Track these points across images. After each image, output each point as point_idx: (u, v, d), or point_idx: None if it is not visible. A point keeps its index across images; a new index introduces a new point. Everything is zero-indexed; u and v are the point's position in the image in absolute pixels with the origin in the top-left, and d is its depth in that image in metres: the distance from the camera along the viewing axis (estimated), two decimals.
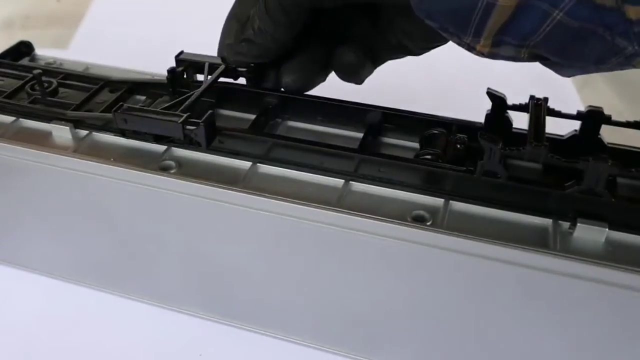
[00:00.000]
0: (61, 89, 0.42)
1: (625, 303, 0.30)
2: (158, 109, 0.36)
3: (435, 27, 0.30)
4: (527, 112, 0.33)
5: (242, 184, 0.35)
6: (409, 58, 0.41)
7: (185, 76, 0.40)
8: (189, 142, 0.36)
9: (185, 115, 0.35)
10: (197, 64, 0.40)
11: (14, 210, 0.43)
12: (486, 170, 0.32)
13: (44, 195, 0.40)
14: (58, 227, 0.42)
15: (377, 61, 0.41)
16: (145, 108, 0.36)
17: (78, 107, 0.40)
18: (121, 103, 0.36)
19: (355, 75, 0.40)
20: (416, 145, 0.37)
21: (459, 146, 0.35)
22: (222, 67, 0.40)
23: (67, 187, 0.39)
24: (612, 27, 0.26)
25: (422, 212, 0.32)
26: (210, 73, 0.39)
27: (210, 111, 0.35)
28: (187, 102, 0.36)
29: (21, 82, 0.42)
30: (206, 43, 0.42)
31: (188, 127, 0.34)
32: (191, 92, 0.37)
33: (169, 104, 0.36)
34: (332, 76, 0.42)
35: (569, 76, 0.31)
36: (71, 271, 0.45)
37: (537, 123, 0.32)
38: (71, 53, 0.74)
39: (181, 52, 0.41)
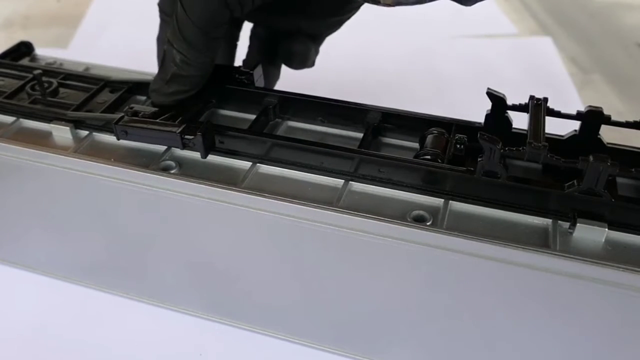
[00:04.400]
0: (61, 89, 0.42)
1: (625, 303, 0.30)
2: (158, 119, 0.36)
3: None
4: (527, 112, 0.33)
5: (242, 184, 0.35)
6: (408, 58, 0.41)
7: None
8: (189, 150, 0.36)
9: (182, 126, 0.35)
10: None
11: (14, 210, 0.43)
12: (486, 170, 0.32)
13: (44, 195, 0.40)
14: (58, 227, 0.42)
15: (318, 41, 0.42)
16: (145, 119, 0.36)
17: (78, 108, 0.40)
18: (122, 115, 0.36)
19: (307, 60, 0.41)
20: (416, 145, 0.37)
21: (459, 146, 0.35)
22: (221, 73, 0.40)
23: (67, 187, 0.39)
24: None
25: (422, 212, 0.32)
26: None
27: (207, 121, 0.35)
28: (185, 112, 0.36)
29: (21, 82, 0.42)
30: None
31: (187, 136, 0.35)
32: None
33: (169, 113, 0.36)
34: (331, 76, 0.41)
35: (469, 5, 0.32)
36: (71, 271, 0.45)
37: (536, 123, 0.32)
38: (71, 53, 0.74)
39: None
